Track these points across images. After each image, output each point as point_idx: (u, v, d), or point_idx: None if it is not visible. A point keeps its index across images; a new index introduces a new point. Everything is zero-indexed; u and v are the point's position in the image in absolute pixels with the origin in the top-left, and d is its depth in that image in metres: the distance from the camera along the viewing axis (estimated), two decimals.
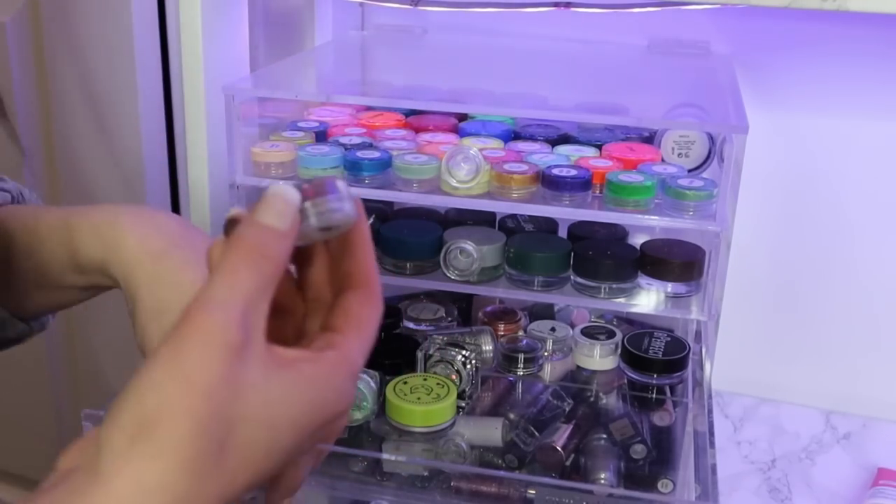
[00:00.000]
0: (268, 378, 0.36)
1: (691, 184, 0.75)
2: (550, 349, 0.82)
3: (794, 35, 0.91)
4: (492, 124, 0.87)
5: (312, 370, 0.38)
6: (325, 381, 0.38)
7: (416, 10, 0.97)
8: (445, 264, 0.80)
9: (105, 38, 1.00)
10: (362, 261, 0.42)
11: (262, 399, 0.35)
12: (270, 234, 0.37)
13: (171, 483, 0.33)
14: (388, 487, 0.69)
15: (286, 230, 0.37)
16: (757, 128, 0.73)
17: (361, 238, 0.42)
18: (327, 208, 0.39)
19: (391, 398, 0.70)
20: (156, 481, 0.33)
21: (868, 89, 0.91)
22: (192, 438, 0.33)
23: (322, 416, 0.38)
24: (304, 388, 0.37)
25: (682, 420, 0.75)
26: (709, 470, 0.65)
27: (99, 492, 0.33)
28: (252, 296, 0.36)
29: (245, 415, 0.35)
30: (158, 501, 0.33)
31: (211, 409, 0.34)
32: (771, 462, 1.03)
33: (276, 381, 0.36)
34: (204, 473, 0.34)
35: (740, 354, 1.01)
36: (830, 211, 0.96)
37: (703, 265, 0.77)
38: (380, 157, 0.79)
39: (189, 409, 0.33)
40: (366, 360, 0.41)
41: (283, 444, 0.37)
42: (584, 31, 0.97)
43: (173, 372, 0.34)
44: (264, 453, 0.36)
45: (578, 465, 0.71)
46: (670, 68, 0.93)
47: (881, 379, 1.00)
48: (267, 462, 0.36)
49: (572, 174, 0.76)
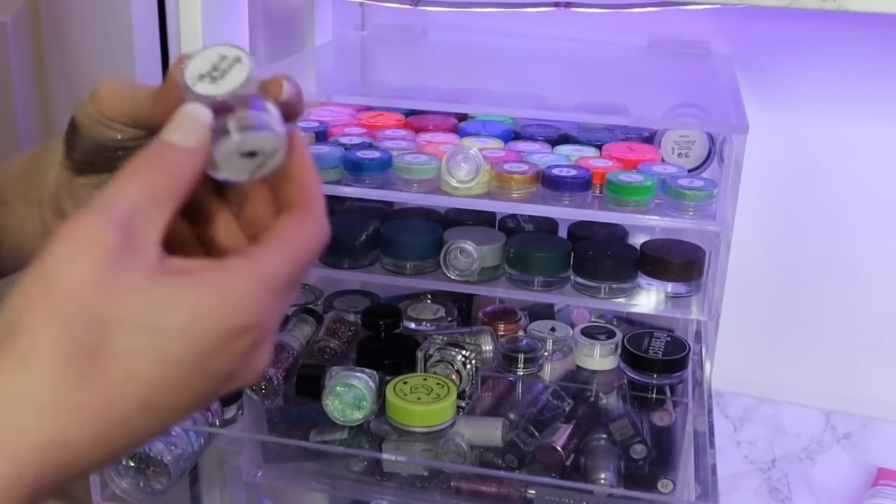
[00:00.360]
0: (151, 282, 0.33)
1: (691, 184, 0.75)
2: (550, 349, 0.82)
3: (794, 35, 0.91)
4: (492, 124, 0.87)
5: (211, 276, 0.35)
6: (225, 287, 0.35)
7: (416, 10, 0.96)
8: (445, 264, 0.80)
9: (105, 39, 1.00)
10: (300, 182, 0.40)
11: (141, 302, 0.33)
12: (170, 149, 0.36)
13: (37, 390, 0.31)
14: (388, 487, 0.69)
15: (191, 146, 0.36)
16: (757, 128, 0.73)
17: (299, 163, 0.40)
18: (250, 124, 0.37)
19: (391, 398, 0.70)
20: (21, 389, 0.31)
21: (868, 89, 0.91)
22: (55, 342, 0.31)
23: (222, 326, 0.34)
24: (198, 294, 0.34)
25: (682, 420, 0.75)
26: (709, 470, 0.65)
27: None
28: (140, 204, 0.34)
29: (121, 317, 0.32)
30: (25, 409, 0.31)
31: (74, 309, 0.31)
32: (771, 462, 1.03)
33: (161, 285, 0.33)
34: (75, 380, 0.31)
35: (740, 354, 1.01)
36: (830, 211, 0.96)
37: (703, 265, 0.77)
38: (380, 157, 0.79)
39: (51, 309, 0.31)
40: (293, 280, 0.38)
41: (175, 353, 0.33)
42: (584, 31, 0.97)
43: (37, 273, 0.32)
44: (153, 362, 0.33)
45: (578, 465, 0.71)
46: (670, 68, 0.93)
47: (881, 379, 1.00)
48: (161, 374, 0.33)
49: (572, 174, 0.76)
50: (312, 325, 0.83)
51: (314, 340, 0.80)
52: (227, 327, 0.34)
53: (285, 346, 0.78)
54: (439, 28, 1.01)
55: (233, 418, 0.74)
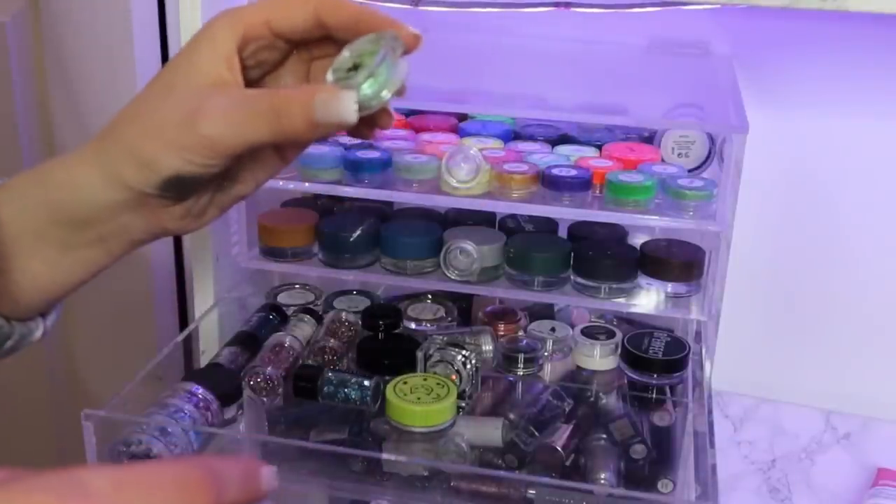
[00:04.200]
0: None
1: (691, 184, 0.75)
2: (550, 349, 0.82)
3: (794, 35, 0.91)
4: (492, 124, 0.87)
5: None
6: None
7: (417, 9, 0.96)
8: (445, 264, 0.80)
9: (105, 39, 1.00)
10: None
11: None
12: None
13: None
14: (388, 487, 0.69)
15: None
16: (757, 128, 0.73)
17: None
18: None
19: (391, 398, 0.70)
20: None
21: (868, 89, 0.91)
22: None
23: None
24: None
25: (682, 420, 0.75)
26: (709, 470, 0.65)
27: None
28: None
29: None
30: None
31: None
32: (771, 462, 1.03)
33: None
34: None
35: (740, 354, 1.01)
36: (831, 211, 0.96)
37: (703, 265, 0.77)
38: (380, 156, 0.79)
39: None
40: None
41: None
42: (584, 31, 0.97)
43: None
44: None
45: (578, 465, 0.71)
46: (670, 68, 0.93)
47: (881, 379, 1.00)
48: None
49: (572, 174, 0.76)
50: (312, 325, 0.83)
51: (314, 340, 0.80)
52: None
53: (285, 345, 0.78)
54: (439, 28, 1.01)
55: (233, 418, 0.74)
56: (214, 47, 0.51)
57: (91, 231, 0.53)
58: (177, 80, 0.51)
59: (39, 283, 0.54)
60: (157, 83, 0.52)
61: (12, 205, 0.52)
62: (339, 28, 0.52)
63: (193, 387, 0.69)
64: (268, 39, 0.52)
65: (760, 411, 1.02)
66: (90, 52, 1.02)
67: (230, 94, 0.50)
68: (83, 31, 0.99)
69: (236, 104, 0.49)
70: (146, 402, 0.68)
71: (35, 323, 0.56)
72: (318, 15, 0.52)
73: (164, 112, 0.50)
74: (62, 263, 0.54)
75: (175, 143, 0.49)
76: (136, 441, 0.64)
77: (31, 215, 0.52)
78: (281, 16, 0.52)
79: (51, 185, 0.52)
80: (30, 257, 0.53)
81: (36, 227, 0.52)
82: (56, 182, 0.52)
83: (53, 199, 0.52)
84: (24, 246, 0.53)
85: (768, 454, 1.03)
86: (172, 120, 0.49)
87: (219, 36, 0.51)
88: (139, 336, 1.15)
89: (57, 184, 0.52)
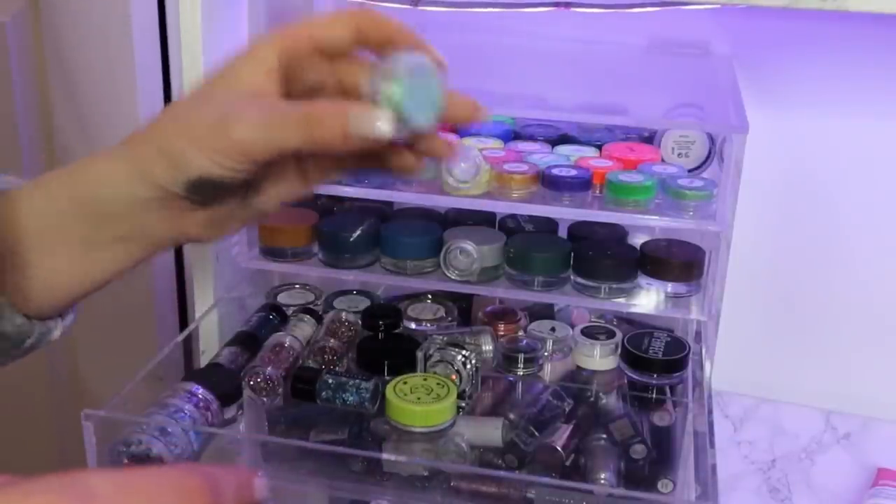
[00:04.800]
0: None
1: (691, 184, 0.75)
2: (550, 349, 0.82)
3: (794, 35, 0.91)
4: (492, 124, 0.87)
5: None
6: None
7: (416, 9, 0.96)
8: (445, 264, 0.80)
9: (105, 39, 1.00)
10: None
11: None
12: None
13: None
14: (388, 487, 0.69)
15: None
16: (757, 128, 0.73)
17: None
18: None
19: (391, 398, 0.70)
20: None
21: (868, 89, 0.91)
22: None
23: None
24: None
25: (682, 420, 0.75)
26: (709, 470, 0.65)
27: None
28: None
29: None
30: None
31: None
32: (771, 462, 1.03)
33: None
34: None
35: (740, 354, 1.01)
36: (830, 211, 0.96)
37: (703, 265, 0.77)
38: None
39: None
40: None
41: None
42: (584, 31, 0.97)
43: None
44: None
45: (578, 465, 0.71)
46: (670, 68, 0.93)
47: (881, 379, 1.00)
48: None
49: (572, 174, 0.76)
50: (312, 325, 0.83)
51: (314, 340, 0.80)
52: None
53: (285, 346, 0.78)
54: (439, 28, 1.01)
55: (233, 418, 0.74)
56: (256, 58, 0.52)
57: (113, 228, 0.54)
58: (215, 88, 0.52)
59: (58, 280, 0.55)
60: (196, 91, 0.53)
61: (39, 199, 0.53)
62: (379, 44, 0.53)
63: (193, 387, 0.69)
64: (309, 54, 0.53)
65: (760, 411, 1.02)
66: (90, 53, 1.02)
67: (266, 101, 0.51)
68: (83, 32, 0.99)
69: (270, 110, 0.50)
70: (146, 402, 0.68)
71: (54, 322, 0.57)
72: (360, 30, 0.53)
73: (199, 115, 0.50)
74: (82, 262, 0.54)
75: (206, 144, 0.49)
76: (136, 441, 0.64)
77: (56, 209, 0.53)
78: (323, 31, 0.53)
79: (78, 180, 0.53)
80: (51, 253, 0.54)
81: (60, 223, 0.53)
82: (84, 177, 0.53)
83: (79, 193, 0.53)
84: (46, 241, 0.53)
85: (768, 454, 1.03)
86: (206, 122, 0.50)
87: (261, 48, 0.52)
88: (139, 336, 1.15)
89: (84, 178, 0.53)
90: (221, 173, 0.50)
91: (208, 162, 0.50)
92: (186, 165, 0.50)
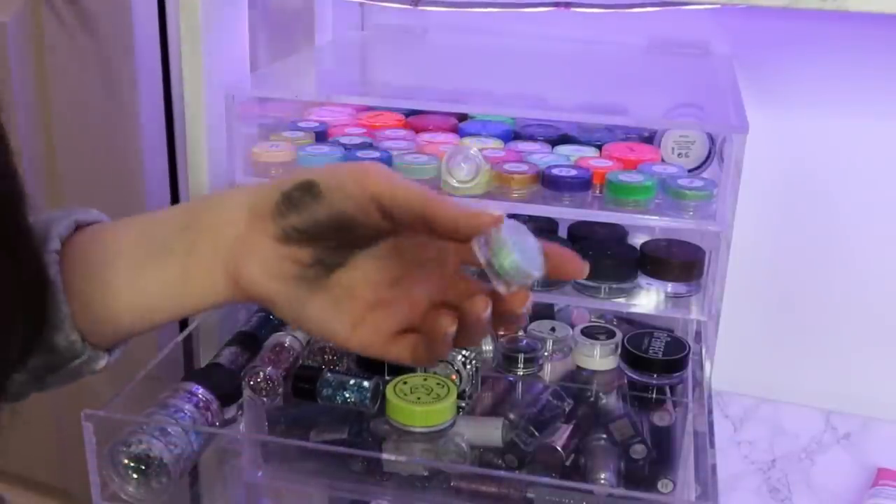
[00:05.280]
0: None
1: (691, 184, 0.75)
2: (550, 349, 0.82)
3: (794, 35, 0.91)
4: (492, 124, 0.87)
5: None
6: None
7: (417, 10, 0.96)
8: None
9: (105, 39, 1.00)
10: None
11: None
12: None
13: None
14: (388, 487, 0.69)
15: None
16: (757, 128, 0.73)
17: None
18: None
19: (391, 398, 0.70)
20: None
21: (868, 89, 0.91)
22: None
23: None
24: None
25: (682, 420, 0.75)
26: (709, 470, 0.65)
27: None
28: None
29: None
30: None
31: None
32: (771, 462, 1.03)
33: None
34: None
35: (740, 354, 1.01)
36: (830, 211, 0.96)
37: (703, 265, 0.77)
38: (380, 157, 0.79)
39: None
40: None
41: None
42: (584, 31, 0.97)
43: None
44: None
45: (578, 465, 0.71)
46: (670, 68, 0.93)
47: (881, 379, 1.00)
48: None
49: (572, 174, 0.76)
50: None
51: (314, 340, 0.80)
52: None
53: (285, 345, 0.78)
54: (439, 28, 1.01)
55: (233, 418, 0.74)
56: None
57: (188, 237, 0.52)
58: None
59: (143, 302, 0.53)
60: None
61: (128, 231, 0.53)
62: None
63: (193, 387, 0.69)
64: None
65: (760, 411, 1.02)
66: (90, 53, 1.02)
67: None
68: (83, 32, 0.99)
69: (402, 177, 0.49)
70: (146, 402, 0.68)
71: (103, 353, 0.55)
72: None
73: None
74: (144, 285, 0.52)
75: (339, 173, 0.48)
76: (136, 441, 0.64)
77: (135, 237, 0.53)
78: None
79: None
80: (141, 275, 0.52)
81: (135, 248, 0.52)
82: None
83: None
84: (142, 261, 0.52)
85: (768, 454, 1.03)
86: (345, 166, 0.49)
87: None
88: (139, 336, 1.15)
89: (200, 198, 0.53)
90: (334, 207, 0.47)
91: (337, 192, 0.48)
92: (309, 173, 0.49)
